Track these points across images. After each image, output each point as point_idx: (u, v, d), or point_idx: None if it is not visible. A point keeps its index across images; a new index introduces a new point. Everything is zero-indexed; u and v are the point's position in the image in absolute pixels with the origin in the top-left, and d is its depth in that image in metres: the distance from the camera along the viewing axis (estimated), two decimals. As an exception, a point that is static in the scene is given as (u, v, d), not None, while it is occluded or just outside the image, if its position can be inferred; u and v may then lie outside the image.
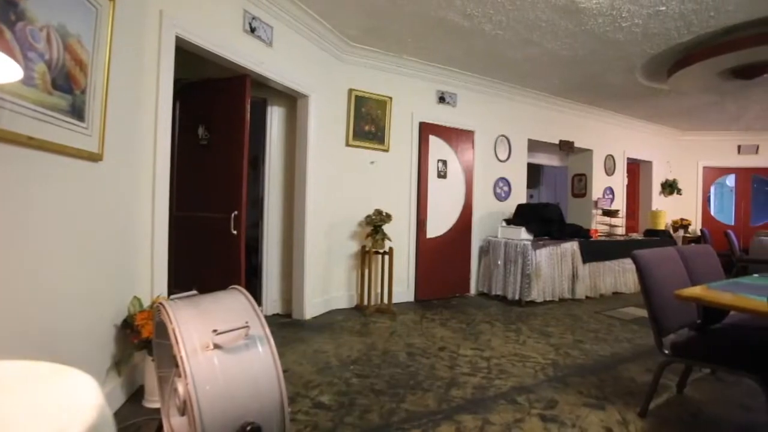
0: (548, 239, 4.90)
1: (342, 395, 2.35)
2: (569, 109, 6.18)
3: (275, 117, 4.02)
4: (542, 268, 4.71)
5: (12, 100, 1.37)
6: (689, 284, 2.27)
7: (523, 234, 4.91)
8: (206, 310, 1.36)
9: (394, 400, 2.30)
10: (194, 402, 1.15)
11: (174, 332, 1.23)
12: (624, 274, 5.49)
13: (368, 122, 4.47)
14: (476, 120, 5.27)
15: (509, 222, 5.20)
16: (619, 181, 7.01)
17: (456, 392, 2.42)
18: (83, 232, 1.85)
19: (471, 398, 2.35)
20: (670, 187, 7.67)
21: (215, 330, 1.24)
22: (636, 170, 7.69)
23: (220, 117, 3.30)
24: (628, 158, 7.15)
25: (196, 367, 1.19)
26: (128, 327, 2.10)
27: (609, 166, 6.83)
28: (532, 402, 2.31)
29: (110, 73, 1.91)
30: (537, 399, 2.35)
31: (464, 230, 5.17)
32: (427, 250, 4.86)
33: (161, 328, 1.46)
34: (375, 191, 4.52)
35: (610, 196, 6.82)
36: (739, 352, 1.93)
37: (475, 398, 2.35)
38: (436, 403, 2.28)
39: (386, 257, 4.24)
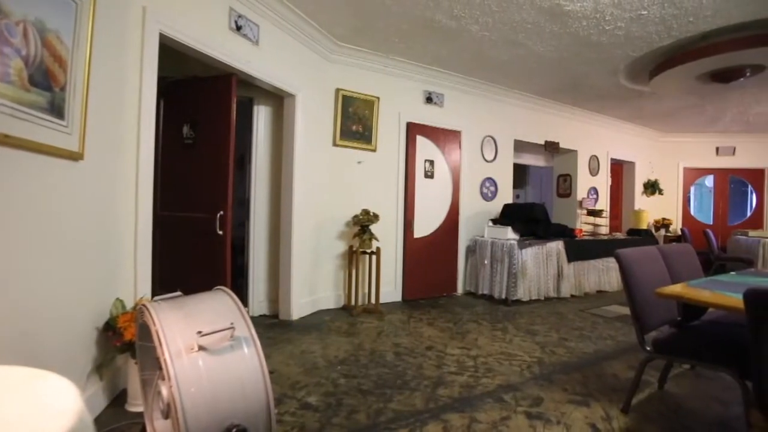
0: (534, 239, 4.96)
1: (329, 396, 2.35)
2: (554, 110, 6.26)
3: (262, 116, 3.99)
4: (528, 268, 4.77)
5: (-13, 97, 1.33)
6: (670, 282, 2.32)
7: (510, 234, 4.96)
8: (191, 312, 1.34)
9: (382, 400, 2.30)
10: (178, 405, 1.13)
11: (157, 334, 1.21)
12: (608, 273, 5.59)
13: (356, 122, 4.46)
14: (463, 120, 5.31)
15: (496, 222, 5.25)
16: (603, 182, 7.14)
17: (443, 391, 2.43)
18: (63, 233, 1.81)
19: (458, 397, 2.36)
20: (652, 188, 7.84)
21: (200, 332, 1.23)
22: (619, 171, 7.84)
23: (206, 116, 3.26)
24: (612, 159, 7.29)
25: (180, 370, 1.17)
26: (110, 329, 2.05)
27: (593, 167, 6.95)
28: (518, 400, 2.34)
29: (91, 70, 1.86)
30: (523, 397, 2.38)
31: (451, 230, 5.21)
32: (415, 250, 4.87)
33: (144, 330, 1.43)
34: (362, 191, 4.51)
35: (595, 196, 6.94)
36: (716, 348, 1.99)
37: (462, 397, 2.37)
38: (424, 403, 2.28)
39: (374, 257, 4.24)
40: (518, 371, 2.77)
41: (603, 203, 7.07)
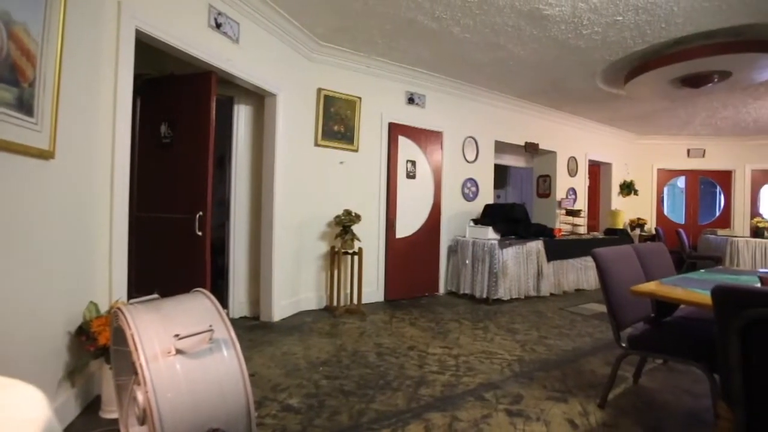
0: (514, 238, 5.04)
1: (311, 397, 2.33)
2: (534, 112, 6.38)
3: (242, 116, 3.93)
4: (509, 267, 4.84)
5: (-50, 93, 1.27)
6: (644, 280, 2.39)
7: (491, 233, 5.02)
8: (168, 315, 1.31)
9: (364, 401, 2.30)
10: (154, 410, 1.10)
11: (132, 338, 1.18)
12: (586, 272, 5.73)
13: (337, 122, 4.44)
14: (445, 121, 5.35)
15: (477, 222, 5.31)
16: (582, 182, 7.31)
17: (425, 391, 2.45)
18: (32, 233, 1.74)
19: (440, 396, 2.38)
20: (628, 188, 8.07)
21: (177, 335, 1.20)
22: (597, 172, 8.05)
23: (184, 115, 3.19)
24: (590, 160, 7.47)
25: (157, 374, 1.14)
26: (83, 334, 1.99)
27: (572, 168, 7.11)
28: (499, 397, 2.37)
29: (62, 66, 1.80)
30: (503, 394, 2.41)
31: (433, 230, 5.24)
32: (397, 250, 4.88)
33: (119, 335, 1.39)
34: (344, 191, 4.50)
35: (573, 197, 7.10)
36: (686, 343, 2.06)
37: (444, 396, 2.39)
38: (406, 403, 2.29)
39: (356, 257, 4.24)
40: (499, 369, 2.80)
41: (581, 203, 7.23)
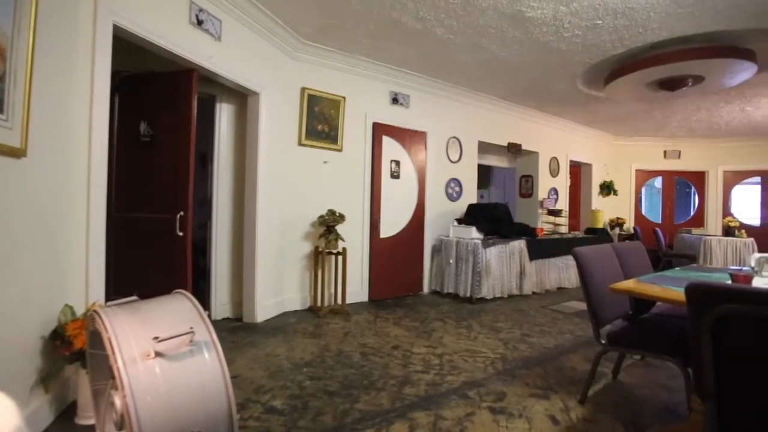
0: (497, 238, 5.10)
1: (295, 398, 2.31)
2: (517, 113, 6.47)
3: (224, 114, 3.87)
4: (492, 266, 4.90)
5: None
6: (623, 278, 2.45)
7: (474, 233, 5.07)
8: (147, 317, 1.28)
9: (348, 401, 2.29)
10: (133, 415, 1.08)
11: (109, 341, 1.15)
12: (567, 270, 5.84)
13: (321, 121, 4.42)
14: (429, 121, 5.38)
15: (460, 221, 5.35)
16: (563, 182, 7.44)
17: (409, 390, 2.45)
18: (3, 234, 1.68)
19: (424, 395, 2.39)
20: (607, 188, 8.26)
21: (156, 337, 1.18)
22: (578, 172, 8.21)
23: (165, 113, 3.12)
24: (571, 161, 7.62)
25: (135, 378, 1.12)
26: (58, 338, 1.93)
27: (554, 168, 7.23)
28: (483, 395, 2.40)
29: (34, 61, 1.74)
30: (487, 392, 2.44)
31: (417, 230, 5.26)
32: (381, 250, 4.89)
33: (96, 338, 1.36)
34: (328, 191, 4.48)
35: (555, 197, 7.22)
36: (661, 339, 2.12)
37: (428, 395, 2.40)
38: (390, 402, 2.29)
39: (340, 257, 4.22)
40: (482, 368, 2.83)
41: (563, 203, 7.37)
